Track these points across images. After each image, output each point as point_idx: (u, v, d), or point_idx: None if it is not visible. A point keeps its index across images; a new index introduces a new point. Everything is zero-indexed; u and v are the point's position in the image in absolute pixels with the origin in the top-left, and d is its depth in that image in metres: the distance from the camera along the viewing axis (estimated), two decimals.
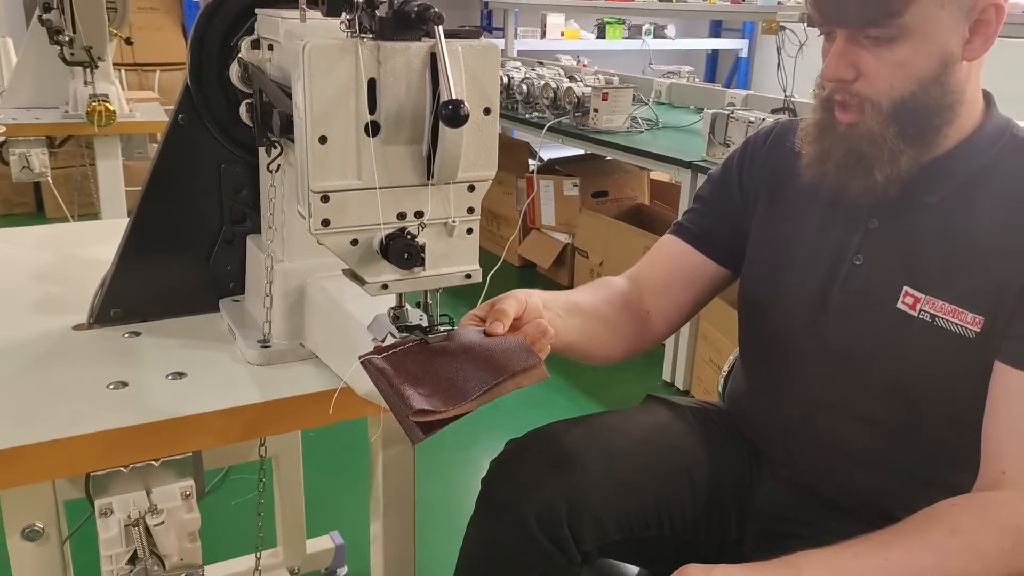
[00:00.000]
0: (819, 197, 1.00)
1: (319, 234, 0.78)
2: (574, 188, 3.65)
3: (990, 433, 0.89)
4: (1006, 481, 0.86)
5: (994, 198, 0.91)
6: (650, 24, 5.81)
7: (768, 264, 1.07)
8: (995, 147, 0.93)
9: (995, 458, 0.88)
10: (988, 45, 0.89)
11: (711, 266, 1.13)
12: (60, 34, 2.25)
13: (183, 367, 0.98)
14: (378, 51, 0.73)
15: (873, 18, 0.86)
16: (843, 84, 0.91)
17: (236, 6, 1.05)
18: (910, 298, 0.93)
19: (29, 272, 1.28)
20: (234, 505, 1.86)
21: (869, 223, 0.98)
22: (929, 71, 0.88)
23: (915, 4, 0.84)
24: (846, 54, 0.90)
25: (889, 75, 0.88)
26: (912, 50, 0.87)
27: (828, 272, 1.00)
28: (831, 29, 0.91)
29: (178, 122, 1.08)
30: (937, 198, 0.93)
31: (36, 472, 0.83)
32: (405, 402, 0.77)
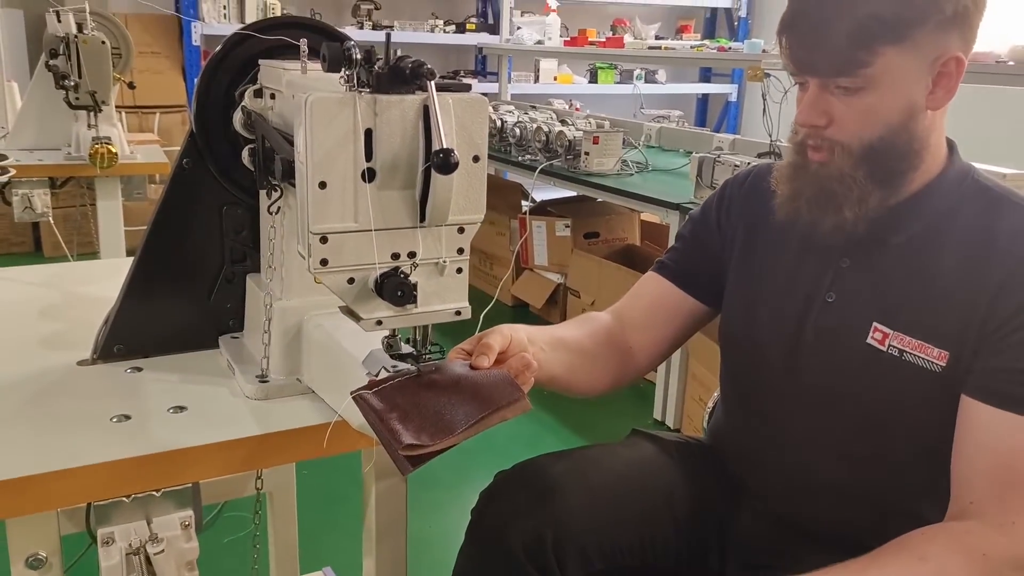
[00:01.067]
0: (793, 237, 1.05)
1: (318, 273, 0.82)
2: (566, 229, 3.71)
3: (958, 465, 0.92)
4: (973, 511, 0.89)
5: (956, 240, 0.96)
6: (641, 69, 5.93)
7: (745, 301, 1.12)
8: (957, 191, 0.98)
9: (963, 489, 0.91)
10: (950, 96, 0.95)
11: (691, 303, 1.17)
12: (66, 79, 2.31)
13: (184, 401, 1.01)
14: (375, 104, 0.79)
15: (842, 69, 0.92)
16: (816, 129, 0.97)
17: (240, 57, 1.10)
18: (879, 333, 0.98)
19: (34, 310, 1.31)
20: (227, 543, 1.88)
21: (841, 262, 1.02)
22: (896, 118, 0.94)
23: (880, 56, 0.90)
24: (818, 102, 0.95)
25: (858, 121, 0.94)
26: (879, 98, 0.92)
27: (802, 309, 1.04)
28: (804, 79, 0.97)
29: (182, 166, 1.12)
30: (904, 238, 0.98)
31: (42, 501, 0.86)
32: (395, 437, 0.80)
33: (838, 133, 0.95)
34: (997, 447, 0.90)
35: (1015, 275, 0.91)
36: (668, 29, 6.24)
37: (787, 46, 0.95)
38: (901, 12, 0.89)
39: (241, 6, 4.69)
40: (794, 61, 0.96)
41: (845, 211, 0.96)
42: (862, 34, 0.89)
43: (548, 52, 5.15)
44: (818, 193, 0.98)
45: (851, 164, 0.95)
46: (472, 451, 0.86)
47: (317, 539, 2.09)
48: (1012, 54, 2.10)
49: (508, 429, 0.88)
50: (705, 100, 6.70)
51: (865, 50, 0.89)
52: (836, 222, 0.97)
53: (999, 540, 0.86)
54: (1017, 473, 0.88)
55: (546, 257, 3.75)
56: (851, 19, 0.89)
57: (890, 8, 0.89)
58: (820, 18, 0.91)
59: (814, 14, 0.92)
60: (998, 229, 0.94)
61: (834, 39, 0.90)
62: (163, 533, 0.91)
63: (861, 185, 0.95)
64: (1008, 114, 4.06)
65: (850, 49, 0.90)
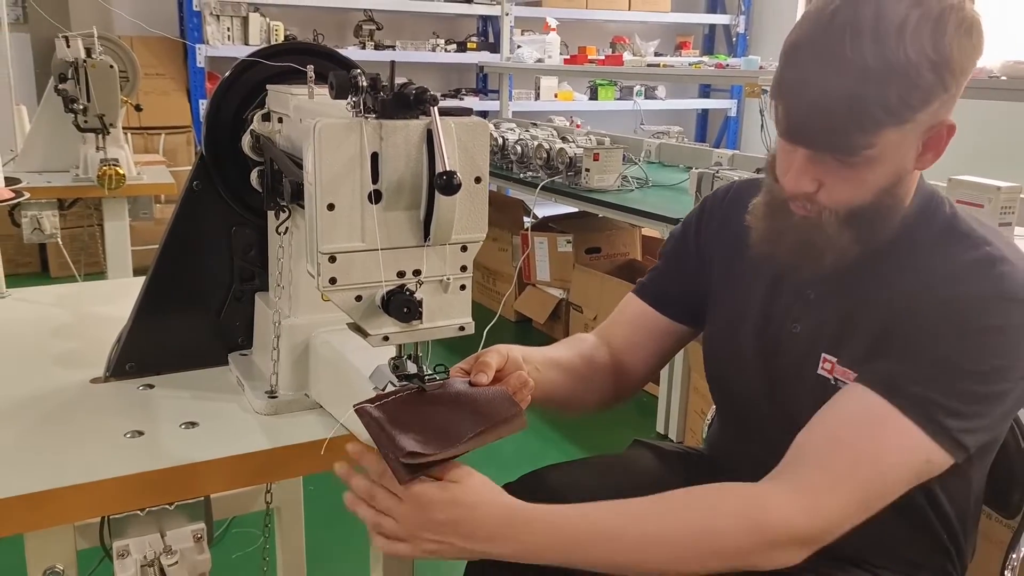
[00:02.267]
0: (768, 265, 1.05)
1: (327, 291, 0.85)
2: (568, 245, 3.74)
3: (804, 430, 0.92)
4: (787, 477, 0.89)
5: (907, 276, 0.95)
6: (641, 86, 5.98)
7: (725, 326, 1.13)
8: (921, 226, 0.96)
9: (793, 451, 0.91)
10: (937, 157, 0.92)
11: (672, 324, 1.19)
12: (75, 103, 2.35)
13: (195, 417, 1.04)
14: (380, 128, 0.82)
15: (839, 149, 0.88)
16: (804, 194, 0.93)
17: (249, 82, 1.13)
18: (828, 363, 0.99)
19: (46, 329, 1.34)
20: (235, 558, 1.89)
21: (808, 293, 1.03)
22: (884, 184, 0.92)
23: (880, 138, 0.86)
24: (809, 170, 0.91)
25: (850, 191, 0.91)
26: (873, 171, 0.90)
27: (773, 339, 1.05)
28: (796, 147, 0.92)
29: (192, 188, 1.15)
30: (870, 272, 0.97)
31: (59, 515, 0.88)
32: (395, 444, 0.82)
33: (827, 198, 0.92)
34: (841, 418, 0.90)
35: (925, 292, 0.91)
36: (667, 46, 6.29)
37: (781, 112, 0.89)
38: (907, 97, 0.84)
39: (245, 28, 4.75)
40: (787, 130, 0.90)
41: (826, 259, 0.95)
42: (865, 119, 0.84)
43: (548, 70, 5.20)
44: (800, 244, 0.96)
45: (836, 226, 0.93)
46: (477, 464, 0.88)
47: (324, 555, 2.10)
48: (1004, 69, 2.14)
49: (512, 443, 0.90)
50: (705, 116, 6.74)
51: (867, 133, 0.85)
52: (815, 270, 0.97)
53: (795, 506, 0.86)
54: (845, 449, 0.88)
55: (548, 273, 3.78)
56: (855, 100, 0.84)
57: (896, 92, 0.83)
58: (821, 92, 0.85)
59: (814, 87, 0.85)
60: (948, 265, 0.92)
61: (834, 119, 0.85)
62: (177, 545, 0.93)
63: (844, 243, 0.94)
64: (1001, 128, 4.10)
65: (851, 130, 0.85)
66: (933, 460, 0.88)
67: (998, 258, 0.91)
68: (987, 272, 0.90)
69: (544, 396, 1.04)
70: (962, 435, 0.88)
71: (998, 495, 1.13)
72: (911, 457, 0.88)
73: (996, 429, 0.94)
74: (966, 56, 0.86)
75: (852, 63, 0.83)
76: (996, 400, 0.90)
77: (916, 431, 0.87)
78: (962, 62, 0.86)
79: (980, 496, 1.07)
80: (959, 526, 1.04)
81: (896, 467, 0.88)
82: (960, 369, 0.88)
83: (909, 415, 0.87)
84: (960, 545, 1.05)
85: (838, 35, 0.84)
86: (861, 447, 0.88)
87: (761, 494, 0.88)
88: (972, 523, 1.07)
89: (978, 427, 0.89)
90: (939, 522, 1.03)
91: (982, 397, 0.89)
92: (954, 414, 0.87)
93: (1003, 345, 0.88)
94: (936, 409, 0.87)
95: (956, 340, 0.88)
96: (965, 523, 1.05)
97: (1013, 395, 0.91)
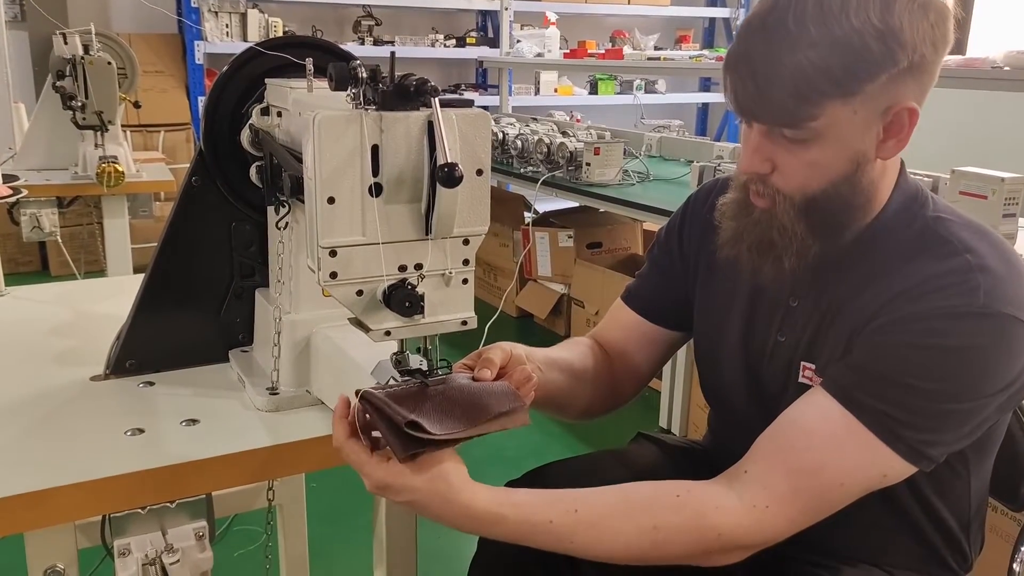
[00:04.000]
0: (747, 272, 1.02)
1: (327, 285, 0.84)
2: (569, 240, 3.73)
3: (765, 432, 0.92)
4: (742, 480, 0.89)
5: (885, 283, 0.91)
6: (641, 80, 5.97)
7: (709, 330, 1.12)
8: (899, 230, 0.94)
9: (752, 454, 0.91)
10: (901, 146, 0.89)
11: (661, 331, 1.17)
12: (73, 100, 2.35)
13: (196, 414, 1.03)
14: (380, 120, 0.81)
15: (785, 120, 0.87)
16: (758, 176, 0.92)
17: (247, 76, 1.12)
18: (809, 372, 0.98)
19: (46, 327, 1.33)
20: (237, 556, 1.89)
21: (790, 301, 1.01)
22: (842, 171, 0.89)
23: (826, 109, 0.84)
24: (762, 148, 0.90)
25: (803, 173, 0.89)
26: (824, 151, 0.87)
27: (757, 346, 1.04)
28: (748, 122, 0.92)
29: (192, 184, 1.14)
30: (846, 279, 0.95)
31: (60, 514, 0.87)
32: (397, 414, 0.81)
33: (781, 182, 0.91)
34: (799, 424, 0.89)
35: (894, 301, 0.89)
36: (667, 40, 6.27)
37: (730, 87, 0.89)
38: (852, 66, 0.83)
39: (243, 24, 4.74)
40: (737, 104, 0.90)
41: (784, 261, 0.94)
42: (808, 87, 0.83)
43: (548, 64, 5.19)
44: (759, 241, 0.95)
45: (792, 216, 0.91)
46: (481, 461, 0.87)
47: (327, 553, 2.10)
48: (1007, 59, 2.12)
49: (516, 439, 0.90)
50: (705, 109, 6.73)
51: (810, 103, 0.84)
52: (775, 272, 0.95)
53: (743, 522, 0.86)
54: (800, 456, 0.87)
55: (549, 268, 3.78)
56: (797, 70, 0.83)
57: (840, 61, 0.82)
58: (765, 64, 0.85)
59: (758, 59, 0.85)
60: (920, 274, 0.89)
61: (778, 89, 0.84)
62: (178, 543, 0.93)
63: (800, 239, 0.92)
64: (1005, 118, 4.08)
65: (795, 101, 0.84)
66: (891, 469, 0.87)
67: (976, 267, 0.86)
68: (960, 284, 0.86)
69: (545, 396, 1.03)
70: (923, 446, 0.86)
71: (1006, 488, 1.13)
72: (865, 465, 0.87)
73: (967, 441, 0.90)
74: (920, 34, 0.83)
75: (795, 34, 0.83)
76: (961, 417, 0.87)
77: (872, 439, 0.86)
78: (915, 38, 0.83)
79: (984, 495, 1.06)
80: (959, 530, 1.03)
81: (849, 476, 0.87)
82: (918, 388, 0.85)
83: (866, 424, 0.86)
84: (961, 547, 1.04)
85: (783, 9, 0.84)
86: (814, 455, 0.87)
87: (710, 500, 0.88)
88: (976, 524, 1.06)
89: (941, 440, 0.87)
90: (934, 528, 1.01)
91: (940, 414, 0.86)
92: (912, 427, 0.86)
93: (967, 365, 0.85)
94: (892, 421, 0.86)
95: (917, 358, 0.86)
96: (968, 525, 1.04)
97: (981, 411, 0.87)
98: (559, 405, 1.10)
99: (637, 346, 1.18)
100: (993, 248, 0.89)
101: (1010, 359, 0.86)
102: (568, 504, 0.87)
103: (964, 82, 2.20)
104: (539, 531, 0.86)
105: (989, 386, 0.86)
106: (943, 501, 1.00)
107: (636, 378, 1.19)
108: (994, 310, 0.84)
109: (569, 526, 0.86)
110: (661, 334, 1.18)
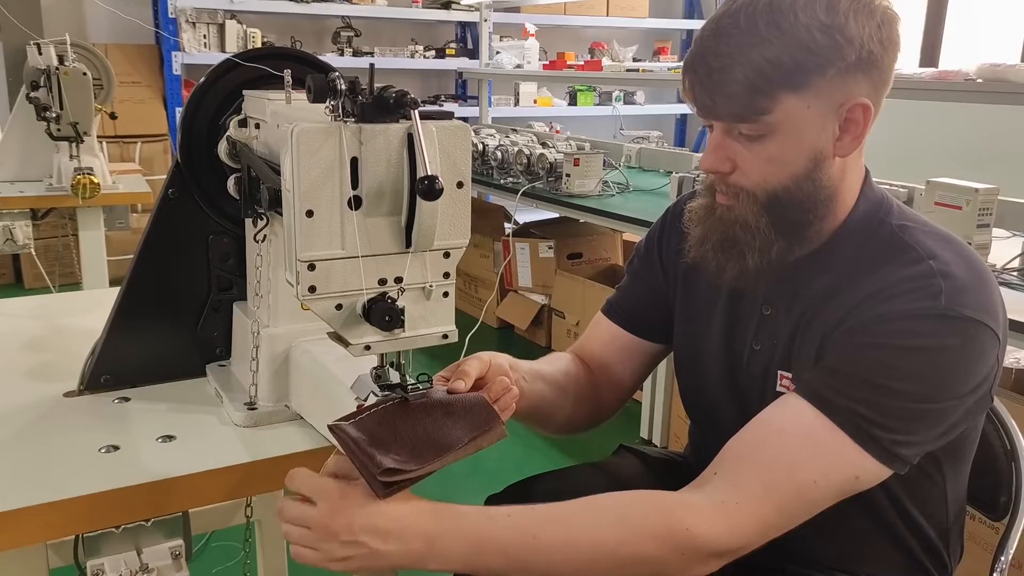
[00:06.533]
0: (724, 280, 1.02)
1: (306, 299, 0.83)
2: (549, 250, 3.73)
3: (735, 435, 0.91)
4: (712, 483, 0.88)
5: (855, 291, 0.92)
6: (620, 91, 6.00)
7: (689, 341, 1.12)
8: (864, 239, 0.95)
9: (721, 456, 0.91)
10: (858, 142, 0.92)
11: (643, 344, 1.17)
12: (48, 111, 2.32)
13: (172, 430, 1.02)
14: (360, 133, 0.80)
15: (741, 115, 0.89)
16: (720, 175, 0.95)
17: (225, 87, 1.11)
18: (786, 381, 0.98)
19: (19, 342, 1.31)
20: (214, 573, 1.86)
21: (763, 309, 1.02)
22: (800, 167, 0.91)
23: (780, 103, 0.87)
24: (722, 147, 0.93)
25: (762, 169, 0.92)
26: (781, 146, 0.90)
27: (735, 355, 1.05)
28: (709, 123, 0.94)
29: (168, 196, 1.13)
30: (817, 288, 0.96)
31: (31, 534, 0.86)
32: (372, 461, 0.81)
33: (742, 179, 0.93)
34: (771, 425, 0.89)
35: (860, 305, 0.90)
36: (645, 51, 6.31)
37: (688, 88, 0.92)
38: (800, 58, 0.86)
39: (221, 35, 4.71)
40: (696, 104, 0.93)
41: (748, 259, 0.95)
42: (760, 80, 0.86)
43: (527, 76, 5.20)
44: (723, 239, 0.96)
45: (755, 212, 0.93)
46: (462, 475, 0.87)
47: (306, 568, 2.07)
48: (980, 72, 2.15)
49: (497, 452, 0.89)
50: (683, 120, 6.77)
51: (763, 96, 0.87)
52: (739, 269, 0.96)
53: (713, 517, 0.85)
54: (770, 454, 0.87)
55: (530, 279, 3.77)
56: (749, 64, 0.86)
57: (788, 54, 0.86)
58: (719, 62, 0.88)
59: (713, 57, 0.89)
60: (884, 279, 0.91)
61: (733, 84, 0.87)
62: (154, 563, 0.91)
63: (763, 235, 0.93)
64: (979, 130, 4.14)
65: (748, 95, 0.87)
66: (864, 470, 0.87)
67: (939, 272, 0.88)
68: (923, 289, 0.87)
69: (529, 408, 1.03)
70: (895, 446, 0.86)
71: (984, 497, 1.13)
72: (838, 465, 0.87)
73: (940, 443, 0.91)
74: (867, 32, 0.87)
75: (746, 32, 0.87)
76: (931, 418, 0.88)
77: (846, 441, 0.86)
78: (861, 35, 0.87)
79: (962, 503, 1.06)
80: (938, 538, 1.03)
81: (822, 478, 0.86)
82: (887, 388, 0.86)
83: (839, 425, 0.86)
84: (941, 556, 1.04)
85: (735, 12, 0.89)
86: (786, 458, 0.87)
87: (682, 507, 0.87)
88: (956, 532, 1.06)
89: (912, 441, 0.87)
90: (913, 536, 1.01)
91: (913, 415, 0.87)
92: (883, 427, 0.86)
93: (933, 365, 0.86)
94: (864, 421, 0.86)
95: (884, 359, 0.87)
96: (947, 533, 1.04)
97: (950, 414, 0.88)
98: (542, 418, 1.09)
99: (619, 358, 1.18)
100: (956, 255, 0.91)
101: (975, 361, 0.88)
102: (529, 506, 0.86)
103: (938, 94, 2.23)
104: (498, 526, 0.84)
105: (957, 387, 0.87)
106: (920, 509, 1.00)
107: (619, 391, 1.18)
108: (956, 313, 0.86)
109: (528, 519, 0.84)
110: (643, 346, 1.18)
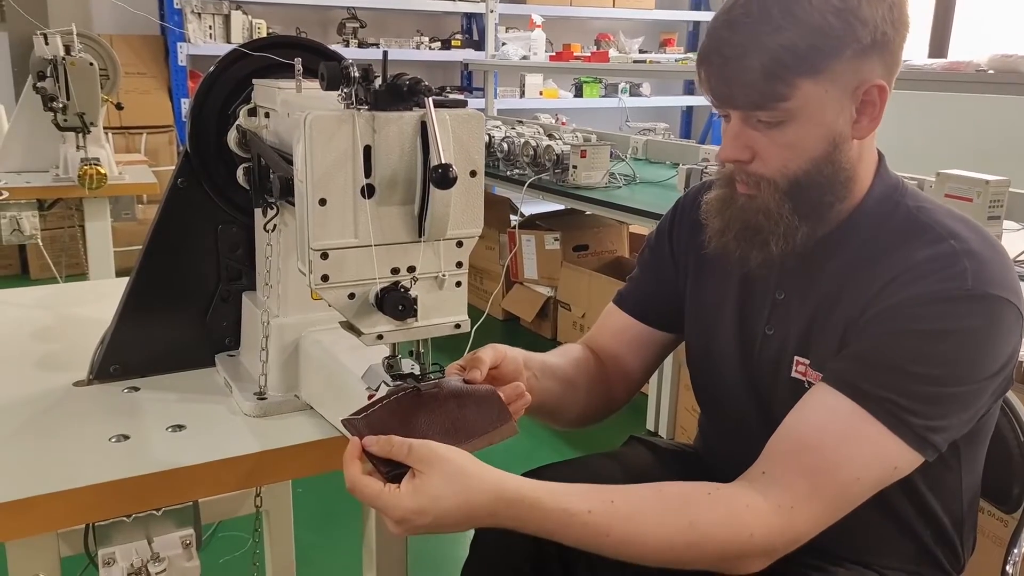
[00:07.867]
0: (736, 267, 1.03)
1: (319, 288, 0.83)
2: (555, 242, 3.72)
3: (776, 432, 0.91)
4: (763, 482, 0.88)
5: (874, 271, 0.92)
6: (626, 83, 5.98)
7: (701, 329, 1.11)
8: (880, 219, 0.95)
9: (765, 455, 0.91)
10: (875, 124, 0.92)
11: (654, 334, 1.17)
12: (54, 101, 2.31)
13: (182, 420, 1.01)
14: (373, 121, 0.79)
15: (759, 103, 0.89)
16: (740, 164, 0.94)
17: (234, 77, 1.11)
18: (801, 366, 0.98)
19: (27, 332, 1.31)
20: (223, 563, 1.87)
21: (776, 294, 1.01)
22: (820, 151, 0.91)
23: (798, 89, 0.88)
24: (740, 136, 0.93)
25: (782, 156, 0.91)
26: (800, 132, 0.90)
27: (748, 340, 1.04)
28: (726, 112, 0.94)
29: (177, 186, 1.13)
30: (831, 270, 0.96)
31: (43, 523, 0.85)
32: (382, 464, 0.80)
33: (762, 168, 0.93)
34: (810, 422, 0.89)
35: (885, 289, 0.90)
36: (652, 43, 6.29)
37: (705, 79, 0.92)
38: (816, 43, 0.86)
39: (227, 26, 4.70)
40: (712, 95, 0.93)
41: (771, 246, 0.94)
42: (777, 67, 0.87)
43: (533, 67, 5.19)
44: (745, 227, 0.96)
45: (777, 199, 0.93)
46: None
47: (314, 559, 2.07)
48: (992, 63, 2.14)
49: (504, 444, 0.88)
50: (690, 112, 6.75)
51: (781, 83, 0.87)
52: (763, 257, 0.96)
53: (772, 522, 0.85)
54: (815, 455, 0.87)
55: (536, 271, 3.77)
56: (765, 52, 0.86)
57: (804, 39, 0.86)
58: (735, 51, 0.88)
59: (728, 47, 0.89)
60: (907, 260, 0.90)
61: (749, 73, 0.88)
62: (164, 552, 0.91)
63: (787, 220, 0.93)
64: (989, 121, 4.12)
65: (766, 83, 0.87)
66: (902, 459, 0.87)
67: (962, 252, 0.88)
68: (948, 269, 0.87)
69: (539, 403, 1.02)
70: (928, 433, 0.86)
71: (997, 489, 1.13)
72: (879, 457, 0.87)
73: (968, 427, 0.91)
74: (880, 13, 0.87)
75: (760, 20, 0.87)
76: (959, 401, 0.88)
77: (882, 431, 0.86)
78: (874, 16, 0.87)
79: (976, 491, 1.06)
80: (952, 527, 1.03)
81: (864, 469, 0.87)
82: (915, 373, 0.86)
83: (873, 414, 0.86)
84: (954, 546, 1.04)
85: (745, 1, 0.89)
86: (830, 454, 0.87)
87: (748, 511, 0.86)
88: (969, 522, 1.06)
89: (944, 426, 0.87)
90: (926, 525, 1.01)
91: (943, 398, 0.87)
92: (916, 414, 0.86)
93: (964, 347, 0.86)
94: (897, 408, 0.86)
95: (914, 343, 0.87)
96: (961, 523, 1.04)
97: (980, 395, 0.89)
98: (552, 412, 1.09)
99: (630, 349, 1.17)
100: (974, 233, 0.91)
101: (1002, 340, 0.88)
102: (605, 494, 0.84)
103: (949, 85, 2.22)
104: (576, 522, 0.82)
105: (985, 368, 0.88)
106: (935, 495, 1.00)
107: (629, 383, 1.18)
108: (983, 292, 0.86)
109: (606, 517, 0.83)
110: (654, 336, 1.17)
